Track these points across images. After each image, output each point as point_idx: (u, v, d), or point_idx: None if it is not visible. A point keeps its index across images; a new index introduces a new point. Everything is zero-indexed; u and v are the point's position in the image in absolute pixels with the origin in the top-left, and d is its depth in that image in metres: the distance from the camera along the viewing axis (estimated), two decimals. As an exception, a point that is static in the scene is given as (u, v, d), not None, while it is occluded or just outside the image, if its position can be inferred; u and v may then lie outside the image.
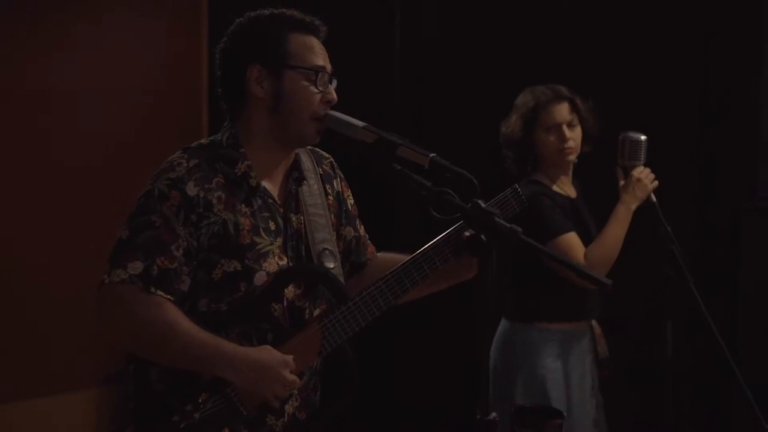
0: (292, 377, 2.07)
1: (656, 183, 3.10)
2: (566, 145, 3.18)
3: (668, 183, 3.16)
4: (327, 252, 2.22)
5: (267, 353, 2.06)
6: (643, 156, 3.09)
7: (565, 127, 3.19)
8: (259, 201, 2.15)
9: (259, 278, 2.11)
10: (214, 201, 2.09)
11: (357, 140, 2.14)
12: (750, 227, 4.09)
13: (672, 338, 3.02)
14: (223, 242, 2.08)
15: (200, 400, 2.07)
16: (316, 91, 2.14)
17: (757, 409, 2.94)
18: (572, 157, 3.22)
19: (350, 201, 2.40)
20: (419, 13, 4.42)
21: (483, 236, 1.98)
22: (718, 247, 4.08)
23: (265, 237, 2.14)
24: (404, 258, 2.21)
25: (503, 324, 3.28)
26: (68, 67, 4.01)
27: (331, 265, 2.21)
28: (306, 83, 2.14)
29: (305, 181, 2.24)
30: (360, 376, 2.19)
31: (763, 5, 4.11)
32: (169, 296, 2.04)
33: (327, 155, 2.37)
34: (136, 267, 2.02)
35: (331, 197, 2.32)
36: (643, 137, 3.09)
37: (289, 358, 2.07)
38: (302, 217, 2.22)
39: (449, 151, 2.15)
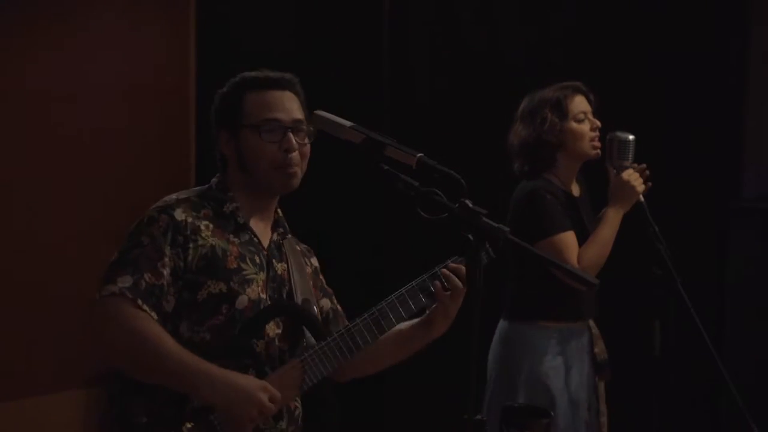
0: (269, 404, 2.08)
1: (644, 186, 3.11)
2: (597, 134, 3.17)
3: (656, 183, 3.18)
4: (309, 302, 2.30)
5: (246, 378, 2.10)
6: (631, 155, 3.10)
7: (591, 115, 3.20)
8: (246, 236, 2.23)
9: (241, 302, 2.16)
10: (203, 227, 2.17)
11: (345, 140, 2.14)
12: (736, 227, 4.11)
13: (660, 337, 3.03)
14: (210, 264, 2.14)
15: (183, 430, 2.08)
16: (268, 141, 2.21)
17: (744, 408, 2.96)
18: (599, 150, 3.20)
19: (324, 281, 2.47)
20: (407, 12, 4.43)
21: (470, 236, 1.98)
22: (705, 246, 4.10)
23: (251, 266, 2.20)
24: None
25: (501, 324, 3.28)
26: (61, 68, 4.00)
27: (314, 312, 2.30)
28: (257, 137, 2.22)
29: (288, 236, 2.33)
30: (338, 414, 2.24)
31: (746, 7, 4.14)
32: (153, 313, 2.08)
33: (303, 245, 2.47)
34: (126, 280, 2.07)
35: (309, 268, 2.40)
36: (631, 137, 3.10)
37: (267, 384, 2.10)
38: (286, 266, 2.29)
39: (437, 152, 2.16)
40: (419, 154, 2.06)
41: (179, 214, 2.15)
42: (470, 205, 2.01)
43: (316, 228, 3.12)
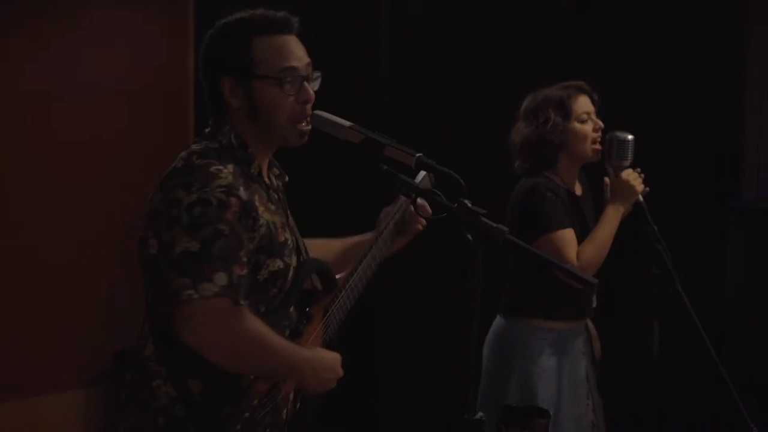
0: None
1: (643, 186, 3.11)
2: (599, 135, 3.16)
3: (655, 183, 3.18)
4: (307, 249, 2.27)
5: (326, 353, 2.16)
6: (630, 155, 3.10)
7: (595, 115, 3.19)
8: (275, 197, 2.18)
9: (291, 274, 2.14)
10: (257, 203, 2.07)
11: (344, 140, 2.14)
12: (736, 227, 4.11)
13: (659, 337, 3.03)
14: (268, 243, 2.07)
15: (255, 403, 2.06)
16: (289, 94, 2.11)
17: (742, 407, 2.96)
18: (599, 151, 3.18)
19: None
20: (407, 11, 4.43)
21: (469, 236, 1.98)
22: (704, 246, 4.10)
23: (288, 233, 2.16)
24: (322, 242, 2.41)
25: (498, 320, 3.27)
26: (60, 68, 4.00)
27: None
28: (276, 89, 2.11)
29: (286, 179, 2.28)
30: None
31: (746, 7, 4.14)
32: (247, 305, 2.03)
33: None
34: (222, 279, 1.95)
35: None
36: (630, 137, 3.10)
37: (339, 355, 2.17)
38: (288, 212, 2.25)
39: (436, 152, 2.16)
40: (418, 154, 2.07)
41: (243, 194, 2.02)
42: (469, 204, 2.02)
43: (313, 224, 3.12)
